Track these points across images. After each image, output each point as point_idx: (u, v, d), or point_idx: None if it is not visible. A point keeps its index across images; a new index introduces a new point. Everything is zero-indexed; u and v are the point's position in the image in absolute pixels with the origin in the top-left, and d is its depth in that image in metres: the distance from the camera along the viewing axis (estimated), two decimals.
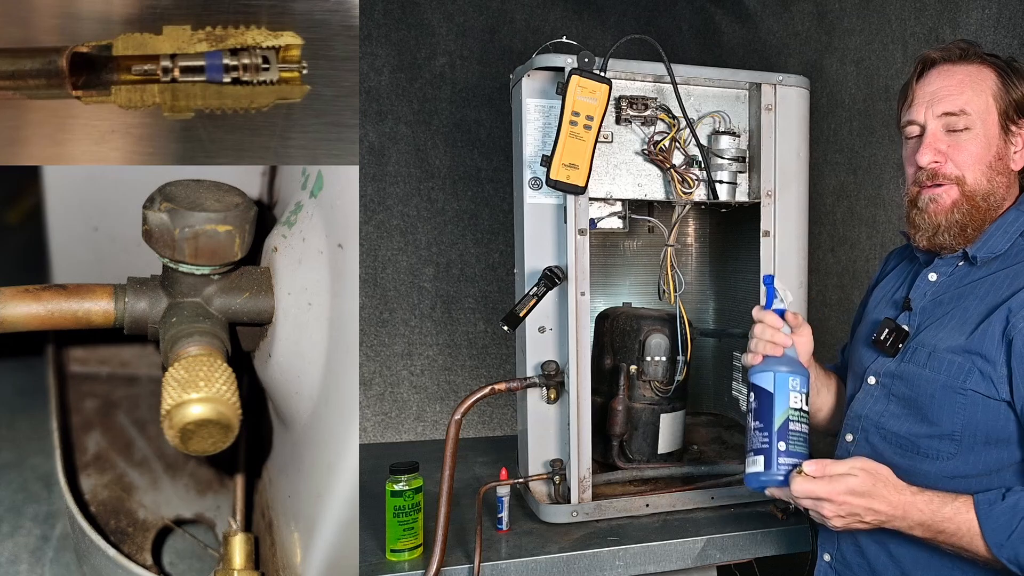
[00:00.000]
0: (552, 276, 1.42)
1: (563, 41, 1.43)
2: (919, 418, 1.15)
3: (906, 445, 1.16)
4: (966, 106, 1.16)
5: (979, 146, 1.16)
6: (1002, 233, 1.16)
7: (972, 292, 1.15)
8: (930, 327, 1.17)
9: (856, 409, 1.23)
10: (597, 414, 1.54)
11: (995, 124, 1.16)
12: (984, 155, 1.16)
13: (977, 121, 1.16)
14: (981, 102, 1.16)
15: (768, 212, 1.54)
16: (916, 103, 1.20)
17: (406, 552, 1.33)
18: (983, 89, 1.16)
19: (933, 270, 1.21)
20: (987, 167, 1.16)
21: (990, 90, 1.16)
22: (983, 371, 1.09)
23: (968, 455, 1.11)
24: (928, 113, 1.18)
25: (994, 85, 1.17)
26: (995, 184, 1.16)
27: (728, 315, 1.95)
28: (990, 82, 1.17)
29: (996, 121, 1.16)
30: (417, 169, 2.47)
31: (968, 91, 1.16)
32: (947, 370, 1.12)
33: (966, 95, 1.16)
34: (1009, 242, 1.15)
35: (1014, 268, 1.12)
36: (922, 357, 1.15)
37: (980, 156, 1.16)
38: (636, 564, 1.39)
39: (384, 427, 2.47)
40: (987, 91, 1.16)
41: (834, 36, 2.13)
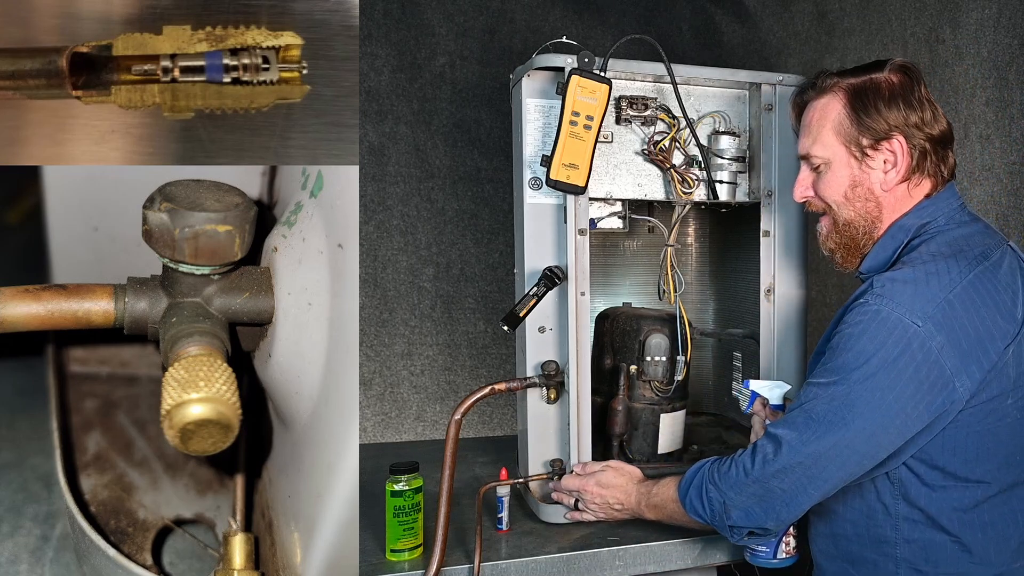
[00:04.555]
0: (552, 276, 1.42)
1: (563, 41, 1.43)
2: None
3: None
4: (812, 148, 1.24)
5: (833, 179, 1.23)
6: (882, 254, 1.22)
7: None
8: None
9: None
10: (597, 414, 1.54)
11: (843, 157, 1.22)
12: (839, 187, 1.23)
13: (828, 157, 1.23)
14: (828, 138, 1.22)
15: (768, 212, 1.54)
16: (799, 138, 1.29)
17: (406, 552, 1.33)
18: (826, 124, 1.22)
19: None
20: (844, 198, 1.23)
21: (832, 124, 1.21)
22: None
23: None
24: (799, 150, 1.28)
25: (836, 117, 1.21)
26: (860, 210, 1.23)
27: (728, 315, 1.95)
28: (833, 114, 1.22)
29: (843, 153, 1.21)
30: (417, 169, 2.47)
31: (815, 130, 1.24)
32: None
33: (813, 135, 1.24)
34: (890, 258, 1.21)
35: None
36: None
37: (836, 188, 1.23)
38: (636, 564, 1.39)
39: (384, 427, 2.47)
40: (829, 126, 1.22)
41: (834, 36, 2.13)
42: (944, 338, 1.07)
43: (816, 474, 1.13)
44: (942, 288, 1.09)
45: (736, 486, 1.19)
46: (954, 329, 1.07)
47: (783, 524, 1.22)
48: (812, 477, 1.13)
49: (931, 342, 1.07)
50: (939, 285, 1.09)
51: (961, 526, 1.13)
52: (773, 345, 1.57)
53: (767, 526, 1.20)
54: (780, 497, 1.16)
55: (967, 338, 1.08)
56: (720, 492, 1.21)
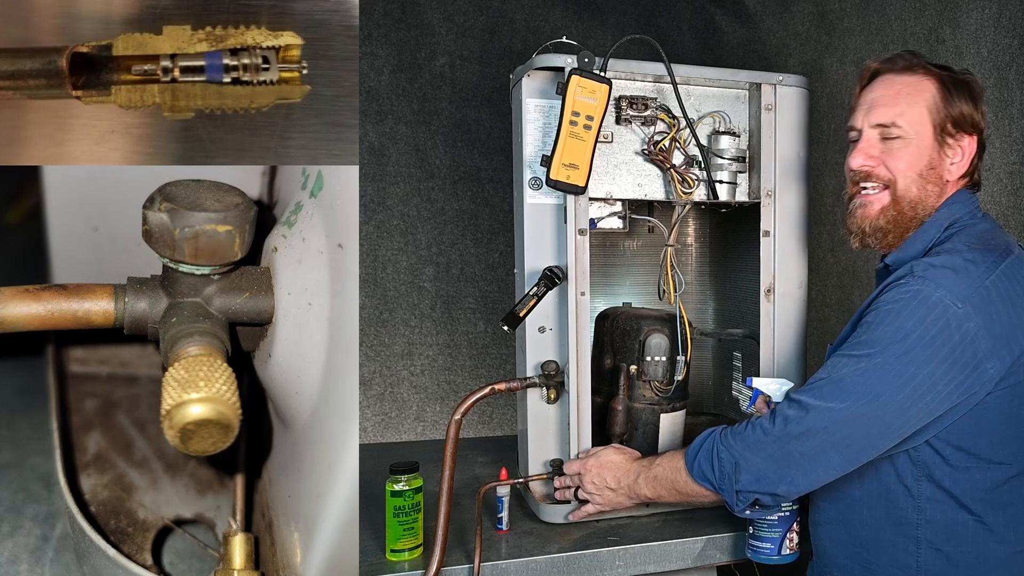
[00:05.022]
0: (552, 276, 1.42)
1: (563, 41, 1.43)
2: None
3: None
4: (898, 119, 1.23)
5: (910, 155, 1.22)
6: (919, 243, 1.23)
7: None
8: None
9: None
10: (597, 414, 1.54)
11: (929, 136, 1.22)
12: (915, 164, 1.23)
13: (910, 131, 1.22)
14: (915, 114, 1.22)
15: (768, 212, 1.54)
16: (857, 110, 1.28)
17: (406, 552, 1.33)
18: (918, 101, 1.22)
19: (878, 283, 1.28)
20: (918, 175, 1.23)
21: (926, 103, 1.22)
22: None
23: None
24: (865, 121, 1.25)
25: (931, 98, 1.23)
26: (924, 193, 1.23)
27: (728, 315, 1.95)
28: (928, 95, 1.23)
29: (930, 133, 1.22)
30: (417, 169, 2.47)
31: (903, 103, 1.23)
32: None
33: (900, 107, 1.23)
34: (923, 251, 1.21)
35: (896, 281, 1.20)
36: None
37: (911, 164, 1.23)
38: (636, 564, 1.39)
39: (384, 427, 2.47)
40: (923, 103, 1.22)
41: (834, 36, 2.13)
42: (980, 321, 1.10)
43: (839, 440, 1.14)
44: (980, 275, 1.13)
45: (753, 445, 1.19)
46: (990, 314, 1.11)
47: (792, 493, 1.21)
48: (835, 443, 1.14)
49: (968, 323, 1.10)
50: (976, 273, 1.13)
51: (984, 506, 1.15)
52: (773, 345, 1.57)
53: (777, 491, 1.19)
54: (798, 461, 1.16)
55: (1000, 323, 1.11)
56: (732, 453, 1.20)
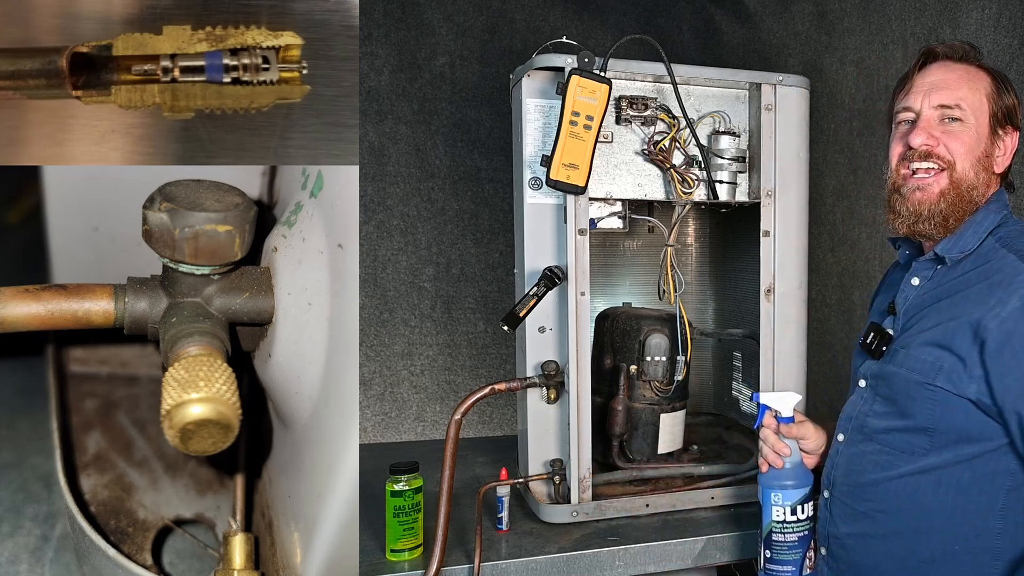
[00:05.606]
0: (552, 276, 1.42)
1: (563, 41, 1.43)
2: (899, 414, 1.18)
3: (885, 440, 1.19)
4: (962, 101, 1.20)
5: (971, 138, 1.20)
6: (971, 233, 1.19)
7: (948, 292, 1.18)
8: (911, 329, 1.20)
9: (848, 410, 1.27)
10: (597, 414, 1.54)
11: (986, 123, 1.21)
12: (974, 148, 1.20)
13: (971, 116, 1.20)
14: (976, 99, 1.21)
15: (768, 212, 1.54)
16: (914, 91, 1.23)
17: (406, 552, 1.33)
18: (979, 88, 1.21)
19: (914, 274, 1.24)
20: (976, 160, 1.20)
21: (984, 90, 1.21)
22: (952, 368, 1.11)
23: (942, 451, 1.14)
24: (925, 102, 1.22)
25: (987, 87, 1.22)
26: (980, 179, 1.20)
27: (728, 315, 1.95)
28: (985, 83, 1.22)
29: (987, 121, 1.21)
30: (417, 169, 2.47)
31: (965, 87, 1.21)
32: (919, 368, 1.15)
33: (963, 91, 1.21)
34: (978, 241, 1.18)
35: (984, 268, 1.16)
36: (900, 357, 1.19)
37: (971, 148, 1.20)
38: (636, 564, 1.39)
39: (384, 427, 2.47)
40: (982, 91, 1.21)
41: (834, 36, 2.13)
42: None
43: None
44: None
45: None
46: None
47: None
48: None
49: None
50: None
51: None
52: (773, 345, 1.56)
53: None
54: None
55: None
56: None
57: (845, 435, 1.26)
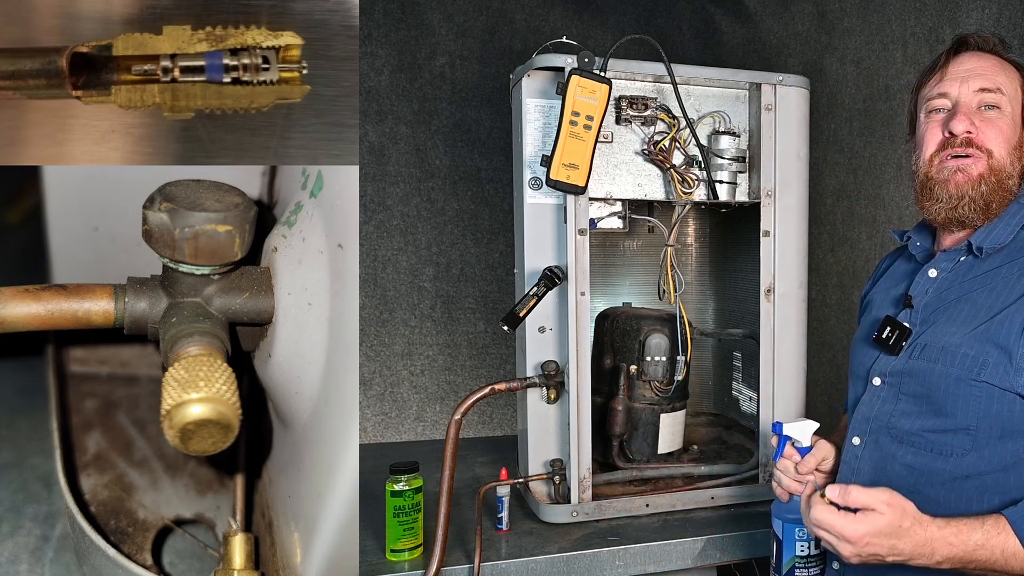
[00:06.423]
0: (552, 276, 1.42)
1: (563, 41, 1.43)
2: (933, 412, 1.12)
3: (920, 443, 1.13)
4: (1002, 86, 1.18)
5: (1007, 126, 1.18)
6: (1004, 225, 1.16)
7: (981, 285, 1.14)
8: (937, 323, 1.15)
9: (863, 412, 1.20)
10: (597, 414, 1.54)
11: (1019, 114, 1.19)
12: (1011, 136, 1.18)
13: (1007, 103, 1.18)
14: (1012, 88, 1.19)
15: (768, 212, 1.54)
16: (949, 78, 1.21)
17: (406, 552, 1.33)
18: (1013, 78, 1.20)
19: (933, 266, 1.20)
20: (1013, 148, 1.18)
21: (1017, 80, 1.20)
22: (997, 362, 1.07)
23: (983, 450, 1.09)
24: (962, 88, 1.19)
25: (1019, 78, 1.21)
26: (1014, 168, 1.18)
27: (728, 315, 1.95)
28: (1015, 74, 1.21)
29: (1020, 111, 1.19)
30: (417, 169, 2.47)
31: (1001, 76, 1.19)
32: (960, 363, 1.10)
33: (1000, 79, 1.19)
34: (1012, 234, 1.16)
35: (1021, 261, 1.13)
36: (933, 352, 1.13)
37: (1007, 137, 1.18)
38: (636, 564, 1.39)
39: (384, 427, 2.47)
40: (1016, 81, 1.20)
41: (834, 36, 2.13)
42: None
43: None
44: None
45: None
46: None
47: None
48: None
49: None
50: None
51: None
52: (773, 345, 1.56)
53: None
54: None
55: None
56: None
57: (863, 438, 1.19)
